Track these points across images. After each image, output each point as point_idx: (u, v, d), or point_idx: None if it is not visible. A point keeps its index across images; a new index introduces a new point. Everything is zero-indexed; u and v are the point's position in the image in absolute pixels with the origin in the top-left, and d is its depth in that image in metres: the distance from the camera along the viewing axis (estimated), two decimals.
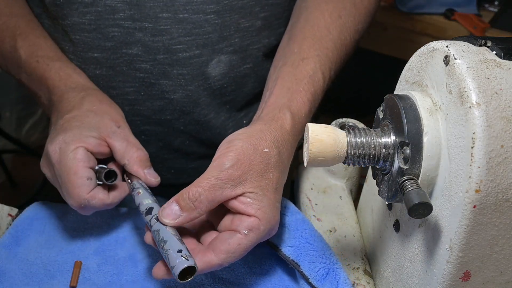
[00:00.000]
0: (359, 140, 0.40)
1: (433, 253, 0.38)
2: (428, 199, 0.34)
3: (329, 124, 0.51)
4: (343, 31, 0.60)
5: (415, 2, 1.42)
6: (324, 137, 0.39)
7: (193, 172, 0.71)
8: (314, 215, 0.59)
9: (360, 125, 0.62)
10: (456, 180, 0.35)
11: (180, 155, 0.70)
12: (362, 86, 1.86)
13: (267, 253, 0.55)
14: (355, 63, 0.64)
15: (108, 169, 0.52)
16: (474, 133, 0.33)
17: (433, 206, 0.35)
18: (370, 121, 0.46)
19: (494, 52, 0.37)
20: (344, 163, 0.40)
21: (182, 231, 0.48)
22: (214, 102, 0.66)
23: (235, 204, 0.46)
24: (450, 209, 0.36)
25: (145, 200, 0.50)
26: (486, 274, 0.38)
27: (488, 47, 0.38)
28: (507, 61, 0.36)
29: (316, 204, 0.61)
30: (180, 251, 0.43)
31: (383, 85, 0.77)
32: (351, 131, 0.40)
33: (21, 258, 0.54)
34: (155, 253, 0.55)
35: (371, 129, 0.41)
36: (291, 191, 0.71)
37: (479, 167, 0.33)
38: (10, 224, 0.57)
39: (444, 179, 0.36)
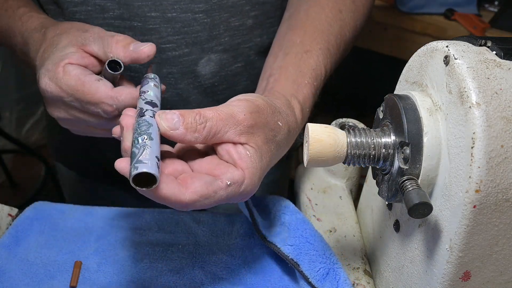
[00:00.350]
0: (359, 140, 0.40)
1: (433, 253, 0.38)
2: (428, 199, 0.34)
3: (329, 124, 0.51)
4: (342, 26, 0.60)
5: (415, 2, 1.42)
6: (324, 137, 0.39)
7: None
8: (314, 215, 0.59)
9: (360, 125, 0.63)
10: (456, 180, 0.35)
11: None
12: (362, 86, 1.86)
13: (267, 253, 0.56)
14: (355, 63, 0.64)
15: (108, 60, 0.48)
16: (474, 133, 0.33)
17: (433, 206, 0.35)
18: (370, 121, 0.46)
19: (494, 52, 0.37)
20: (344, 163, 0.40)
21: None
22: (206, 100, 0.66)
23: (231, 150, 0.42)
24: (450, 209, 0.36)
25: (152, 92, 0.46)
26: (486, 274, 0.38)
27: (488, 47, 0.38)
28: (507, 61, 0.36)
29: (316, 204, 0.61)
30: (158, 158, 0.38)
31: (383, 85, 0.77)
32: (351, 131, 0.40)
33: (21, 258, 0.54)
34: (155, 253, 0.55)
35: (371, 129, 0.41)
36: (291, 191, 0.71)
37: (479, 167, 0.33)
38: (10, 224, 0.57)
39: (444, 179, 0.36)
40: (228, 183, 0.40)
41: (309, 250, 0.51)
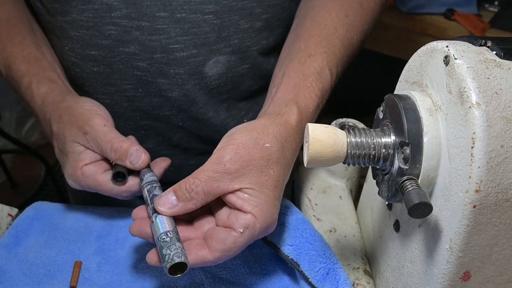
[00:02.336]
0: (359, 140, 0.40)
1: (433, 253, 0.38)
2: (428, 199, 0.34)
3: (329, 124, 0.51)
4: (349, 30, 0.60)
5: (415, 2, 1.43)
6: (324, 137, 0.39)
7: (193, 169, 0.71)
8: (314, 215, 0.59)
9: (360, 125, 0.63)
10: (456, 180, 0.35)
11: (179, 150, 0.70)
12: (362, 86, 1.86)
13: (267, 253, 0.56)
14: (355, 63, 0.64)
15: (116, 171, 0.53)
16: (474, 133, 0.33)
17: (433, 206, 0.35)
18: (370, 121, 0.46)
19: (494, 52, 0.37)
20: (344, 163, 0.40)
21: (179, 216, 0.48)
22: (212, 100, 0.66)
23: (232, 199, 0.46)
24: (450, 209, 0.36)
25: (146, 191, 0.51)
26: (486, 274, 0.38)
27: (488, 47, 0.38)
28: (507, 61, 0.36)
29: (316, 204, 0.61)
30: (174, 246, 0.43)
31: (383, 85, 0.77)
32: (351, 131, 0.40)
33: (21, 258, 0.54)
34: None
35: (371, 129, 0.41)
36: (291, 191, 0.71)
37: (479, 167, 0.33)
38: (10, 224, 0.57)
39: (444, 179, 0.36)
40: (241, 230, 0.44)
41: (309, 250, 0.51)
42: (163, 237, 0.44)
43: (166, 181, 0.58)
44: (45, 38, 0.65)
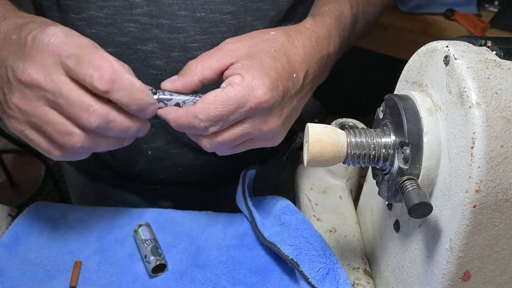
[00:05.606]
0: (359, 140, 0.40)
1: (433, 253, 0.38)
2: (428, 199, 0.34)
3: (329, 124, 0.51)
4: (358, 16, 0.63)
5: (415, 2, 1.43)
6: (324, 137, 0.39)
7: (201, 169, 0.71)
8: (314, 215, 0.59)
9: (360, 125, 0.63)
10: (456, 180, 0.35)
11: (188, 150, 0.70)
12: (362, 86, 1.86)
13: (267, 253, 0.56)
14: (355, 63, 0.64)
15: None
16: (474, 133, 0.33)
17: (433, 206, 0.35)
18: (370, 121, 0.46)
19: (494, 52, 0.37)
20: (344, 163, 0.40)
21: None
22: None
23: (229, 71, 0.48)
24: (450, 209, 0.36)
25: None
26: (486, 274, 0.38)
27: (488, 47, 0.38)
28: (507, 61, 0.36)
29: (316, 204, 0.61)
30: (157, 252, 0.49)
31: (383, 85, 0.77)
32: (351, 131, 0.40)
33: (21, 258, 0.54)
34: None
35: (371, 129, 0.41)
36: (291, 191, 0.71)
37: (479, 167, 0.33)
38: (10, 224, 0.57)
39: (444, 179, 0.36)
40: (224, 85, 0.46)
41: (309, 250, 0.51)
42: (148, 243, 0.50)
43: (174, 182, 0.58)
44: None
